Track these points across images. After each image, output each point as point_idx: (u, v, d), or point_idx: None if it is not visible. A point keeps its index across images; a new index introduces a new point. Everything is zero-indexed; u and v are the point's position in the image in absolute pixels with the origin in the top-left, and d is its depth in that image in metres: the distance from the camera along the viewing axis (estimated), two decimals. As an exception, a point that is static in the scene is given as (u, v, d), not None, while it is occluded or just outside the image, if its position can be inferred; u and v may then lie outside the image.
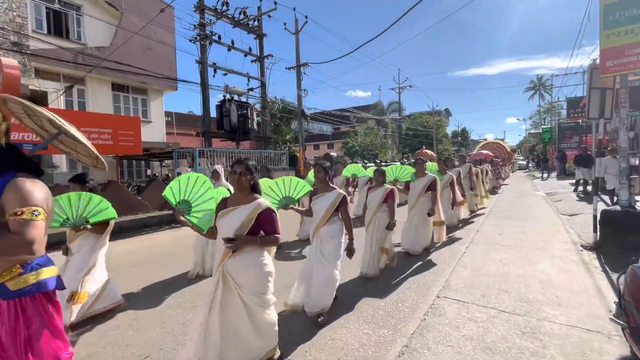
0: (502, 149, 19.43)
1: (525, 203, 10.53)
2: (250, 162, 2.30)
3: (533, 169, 32.18)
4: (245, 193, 2.28)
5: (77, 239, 3.21)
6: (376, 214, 4.14)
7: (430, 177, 5.07)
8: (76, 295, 2.97)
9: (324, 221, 3.12)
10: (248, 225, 2.18)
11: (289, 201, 3.16)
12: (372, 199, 4.20)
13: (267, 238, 2.26)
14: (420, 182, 5.02)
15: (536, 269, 4.33)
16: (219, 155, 9.82)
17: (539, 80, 49.56)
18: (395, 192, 4.18)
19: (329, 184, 3.26)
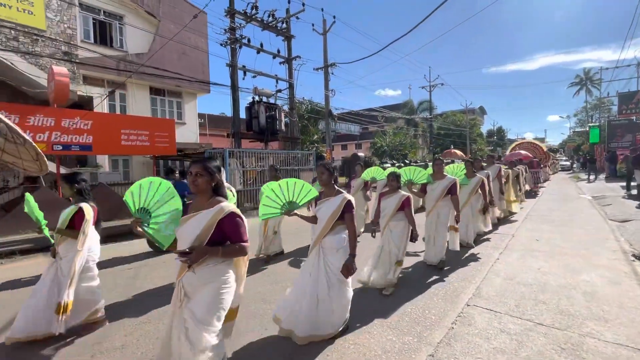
0: (537, 148, 18.10)
1: (568, 207, 9.79)
2: (211, 162, 2.02)
3: (578, 170, 29.89)
4: (206, 197, 1.99)
5: (62, 242, 2.96)
6: (389, 222, 3.79)
7: (450, 179, 4.59)
8: (61, 307, 2.75)
9: (327, 230, 2.75)
10: (208, 233, 1.89)
11: (292, 207, 2.82)
12: (386, 206, 3.85)
13: (231, 248, 1.95)
14: (439, 185, 4.58)
15: (580, 280, 3.99)
16: (248, 156, 10.06)
17: (586, 74, 46.02)
18: (412, 200, 3.82)
19: (334, 187, 2.90)
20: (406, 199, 3.77)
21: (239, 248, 1.96)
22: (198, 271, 1.88)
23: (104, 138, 9.00)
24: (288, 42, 12.54)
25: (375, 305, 3.41)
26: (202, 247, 1.87)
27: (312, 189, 2.85)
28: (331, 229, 2.77)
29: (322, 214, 2.83)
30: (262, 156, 10.33)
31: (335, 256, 2.75)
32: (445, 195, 4.56)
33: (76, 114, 8.06)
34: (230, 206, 1.98)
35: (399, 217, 3.79)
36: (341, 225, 2.81)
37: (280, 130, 11.43)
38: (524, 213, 8.88)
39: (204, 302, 1.88)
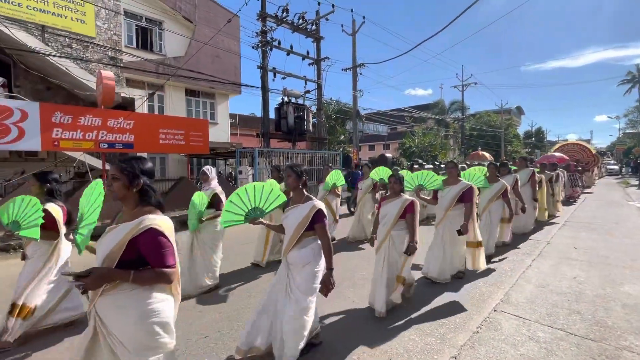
0: (584, 150, 16.66)
1: (613, 214, 9.12)
2: (132, 162, 1.62)
3: (627, 175, 27.59)
4: (130, 206, 1.61)
5: (29, 243, 2.84)
6: (390, 231, 3.26)
7: (463, 185, 4.02)
8: (16, 309, 2.66)
9: (293, 241, 2.39)
10: (118, 252, 1.50)
11: (256, 214, 2.56)
12: (386, 212, 3.30)
13: (146, 273, 1.50)
14: (450, 192, 4.03)
15: (620, 291, 3.76)
16: (277, 155, 10.33)
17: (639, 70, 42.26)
18: (417, 205, 3.27)
19: (303, 192, 2.51)
20: (410, 204, 3.23)
21: (157, 275, 1.51)
22: (111, 295, 1.51)
23: (144, 137, 9.61)
24: (317, 43, 12.69)
25: (398, 305, 3.43)
26: (102, 270, 1.47)
27: (281, 195, 2.60)
28: (298, 241, 2.39)
29: (289, 223, 2.46)
30: (290, 156, 10.56)
31: (301, 273, 2.36)
32: (456, 203, 4.00)
33: (120, 115, 8.69)
34: (153, 220, 1.53)
35: (401, 225, 3.26)
36: (311, 236, 2.42)
37: (307, 130, 11.61)
38: (563, 219, 8.40)
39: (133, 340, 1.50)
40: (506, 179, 5.29)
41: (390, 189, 3.42)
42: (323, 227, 2.37)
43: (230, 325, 3.11)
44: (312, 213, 2.35)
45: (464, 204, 4.00)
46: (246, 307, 3.48)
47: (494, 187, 4.94)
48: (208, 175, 4.01)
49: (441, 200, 4.15)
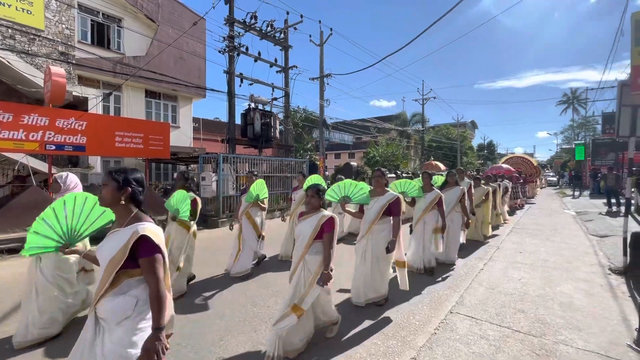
0: (527, 163, 18.00)
1: (552, 221, 10.10)
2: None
3: (564, 186, 30.67)
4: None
5: None
6: (304, 255, 2.74)
7: (391, 196, 3.67)
8: None
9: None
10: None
11: (72, 239, 2.14)
12: (301, 232, 2.79)
13: None
14: (376, 204, 3.65)
15: (557, 291, 4.18)
16: (242, 162, 10.14)
17: (573, 93, 47.50)
18: (336, 223, 2.75)
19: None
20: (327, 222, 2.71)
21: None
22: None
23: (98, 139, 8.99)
24: (285, 51, 12.80)
25: (363, 311, 3.52)
26: None
27: (106, 214, 2.14)
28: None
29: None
30: (256, 162, 10.43)
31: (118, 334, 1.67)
32: (383, 216, 3.60)
33: (71, 115, 8.07)
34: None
35: (318, 247, 2.74)
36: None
37: (274, 137, 11.57)
38: (510, 226, 9.13)
39: None
40: (454, 189, 5.40)
41: (307, 203, 2.82)
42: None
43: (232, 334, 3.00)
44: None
45: (391, 217, 3.63)
46: (209, 317, 3.38)
47: (428, 197, 4.74)
48: (60, 184, 3.17)
49: (367, 213, 3.70)
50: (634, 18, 4.68)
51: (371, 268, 3.58)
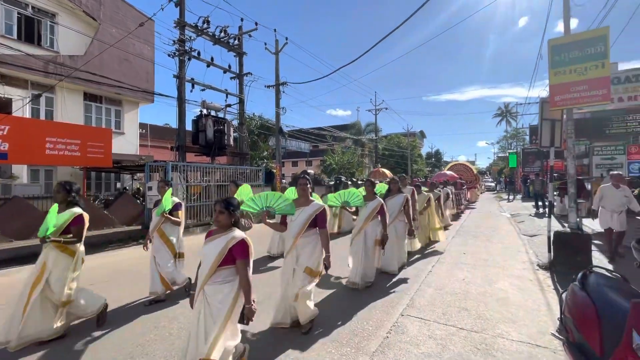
0: (468, 170, 19.28)
1: (491, 223, 11.05)
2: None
3: (501, 190, 33.82)
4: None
5: None
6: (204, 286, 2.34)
7: (315, 207, 3.38)
8: None
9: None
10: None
11: None
12: (206, 254, 2.37)
13: None
14: (301, 215, 3.35)
15: (496, 288, 4.56)
16: (193, 170, 9.70)
17: (506, 107, 52.97)
18: (249, 246, 2.38)
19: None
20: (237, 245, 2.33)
21: None
22: None
23: (23, 145, 8.02)
24: (240, 58, 12.59)
25: (318, 319, 3.52)
26: None
27: None
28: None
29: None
30: (209, 171, 10.03)
31: None
32: (308, 228, 3.30)
33: (-11, 118, 7.12)
34: None
35: (221, 275, 2.33)
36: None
37: (228, 145, 11.24)
38: (456, 228, 9.81)
39: None
40: (396, 197, 5.31)
41: (215, 221, 2.46)
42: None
43: None
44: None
45: (317, 230, 3.35)
46: (153, 339, 3.13)
47: (370, 206, 4.58)
48: None
49: (291, 225, 3.42)
50: (550, 44, 5.37)
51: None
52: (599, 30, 5.20)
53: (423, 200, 7.42)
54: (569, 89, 5.24)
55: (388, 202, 5.17)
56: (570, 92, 5.26)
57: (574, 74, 5.17)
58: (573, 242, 5.20)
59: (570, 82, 5.19)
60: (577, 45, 5.10)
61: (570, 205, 5.35)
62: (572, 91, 5.25)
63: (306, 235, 3.30)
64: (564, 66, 5.22)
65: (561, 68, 5.24)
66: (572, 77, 5.16)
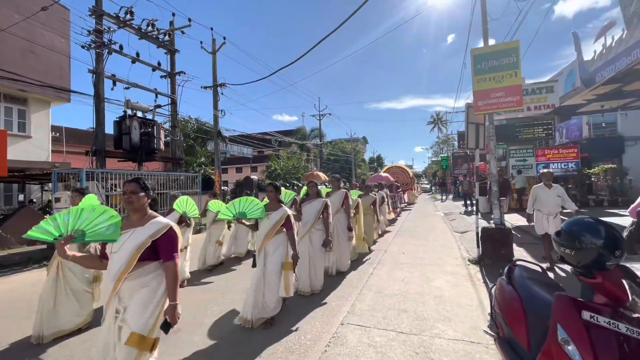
0: (405, 173, 19.47)
1: (427, 223, 11.67)
2: None
3: (435, 192, 36.57)
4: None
5: None
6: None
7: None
8: None
9: None
10: None
11: None
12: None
13: None
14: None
15: (432, 286, 4.65)
16: (115, 178, 8.53)
17: (437, 115, 57.88)
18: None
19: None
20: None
21: None
22: None
23: None
24: (171, 55, 11.61)
25: (252, 335, 3.16)
26: None
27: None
28: None
29: None
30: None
31: None
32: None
33: None
34: None
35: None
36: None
37: (158, 149, 10.20)
38: (396, 229, 10.14)
39: None
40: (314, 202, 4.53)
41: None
42: None
43: None
44: None
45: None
46: None
47: (273, 218, 3.60)
48: None
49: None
50: (472, 53, 5.77)
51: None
52: (511, 42, 5.74)
53: (369, 203, 7.16)
54: (489, 95, 5.67)
55: (303, 208, 4.55)
56: (491, 98, 5.70)
57: (493, 82, 5.62)
58: (497, 236, 5.59)
59: (490, 88, 5.62)
60: (495, 55, 5.56)
61: (493, 202, 5.76)
62: (492, 97, 5.69)
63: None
64: (485, 74, 5.64)
65: (482, 75, 5.66)
66: (491, 84, 5.60)
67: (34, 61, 13.43)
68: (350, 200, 5.45)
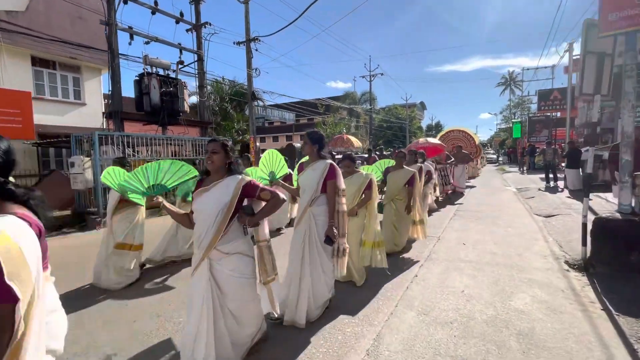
0: (468, 139, 14.51)
1: (495, 201, 9.41)
2: None
3: (503, 162, 32.05)
4: None
5: None
6: None
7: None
8: None
9: None
10: None
11: None
12: None
13: None
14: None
15: (512, 308, 2.95)
16: (139, 142, 7.83)
17: (510, 75, 50.01)
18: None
19: None
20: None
21: None
22: None
23: None
24: (196, 4, 10.37)
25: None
26: None
27: None
28: None
29: None
30: (158, 143, 8.18)
31: None
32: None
33: None
34: None
35: None
36: None
37: (183, 111, 9.36)
38: (454, 209, 8.19)
39: None
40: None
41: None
42: None
43: None
44: None
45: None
46: None
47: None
48: None
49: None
50: None
51: None
52: None
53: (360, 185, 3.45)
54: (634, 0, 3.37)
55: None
56: (634, 6, 3.40)
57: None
58: (624, 231, 3.55)
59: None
60: None
61: (622, 179, 3.64)
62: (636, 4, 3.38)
63: None
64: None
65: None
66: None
67: (82, 27, 13.33)
68: None
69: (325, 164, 2.70)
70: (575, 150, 10.04)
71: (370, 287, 3.46)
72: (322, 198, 2.73)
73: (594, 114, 4.14)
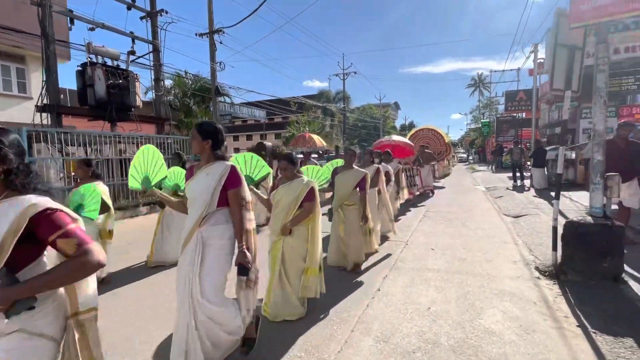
0: (438, 138, 13.99)
1: (465, 201, 9.31)
2: None
3: (473, 161, 32.94)
4: None
5: None
6: None
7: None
8: None
9: None
10: None
11: None
12: None
13: None
14: None
15: (482, 328, 2.60)
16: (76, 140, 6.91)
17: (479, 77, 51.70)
18: None
19: None
20: None
21: None
22: None
23: None
24: (150, -9, 9.52)
25: None
26: None
27: None
28: None
29: None
30: (102, 141, 7.32)
31: None
32: None
33: None
34: None
35: None
36: None
37: (135, 106, 8.50)
38: (422, 210, 7.95)
39: None
40: None
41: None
42: None
43: None
44: None
45: None
46: None
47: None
48: None
49: None
50: None
51: None
52: None
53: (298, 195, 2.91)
54: (604, -13, 3.14)
55: None
56: (605, -4, 3.17)
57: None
58: (596, 236, 3.32)
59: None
60: None
61: (593, 181, 3.42)
62: (607, -7, 3.16)
63: None
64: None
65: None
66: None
67: (28, 13, 12.00)
68: None
69: (225, 166, 2.00)
70: (540, 150, 10.16)
71: (326, 304, 3.02)
72: (218, 214, 2.01)
73: (565, 111, 3.97)
